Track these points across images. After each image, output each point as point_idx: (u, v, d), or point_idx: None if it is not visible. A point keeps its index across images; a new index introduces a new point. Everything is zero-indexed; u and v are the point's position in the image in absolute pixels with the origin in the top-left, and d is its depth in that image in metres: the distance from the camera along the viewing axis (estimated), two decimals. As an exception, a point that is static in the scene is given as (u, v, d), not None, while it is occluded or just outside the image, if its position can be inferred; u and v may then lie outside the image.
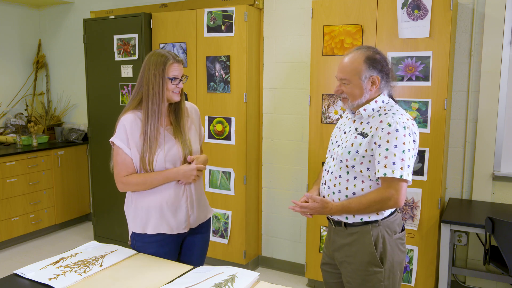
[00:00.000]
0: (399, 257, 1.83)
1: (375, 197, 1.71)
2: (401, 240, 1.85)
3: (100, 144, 4.06)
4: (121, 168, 1.94)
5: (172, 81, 1.91)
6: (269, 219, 3.72)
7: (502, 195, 2.93)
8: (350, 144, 1.78)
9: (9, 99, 4.77)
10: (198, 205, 2.06)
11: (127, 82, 3.81)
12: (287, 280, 3.51)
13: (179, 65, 1.93)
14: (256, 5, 3.48)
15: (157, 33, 3.69)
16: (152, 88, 1.89)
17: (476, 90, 2.95)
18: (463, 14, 2.94)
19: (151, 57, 1.92)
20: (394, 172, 1.66)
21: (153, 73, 1.89)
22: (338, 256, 1.88)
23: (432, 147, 2.76)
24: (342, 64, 1.80)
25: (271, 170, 3.66)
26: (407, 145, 1.69)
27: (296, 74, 3.47)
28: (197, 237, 2.11)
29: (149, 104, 1.89)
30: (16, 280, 1.69)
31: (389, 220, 1.81)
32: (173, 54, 1.93)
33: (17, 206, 4.11)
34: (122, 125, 1.92)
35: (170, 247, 2.01)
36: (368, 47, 1.81)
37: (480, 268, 3.02)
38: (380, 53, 1.80)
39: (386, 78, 1.80)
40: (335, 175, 1.83)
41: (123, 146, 1.92)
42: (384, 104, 1.80)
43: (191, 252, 2.11)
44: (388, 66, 1.80)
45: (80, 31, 4.28)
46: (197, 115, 2.15)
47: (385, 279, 1.78)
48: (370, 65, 1.75)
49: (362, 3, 2.87)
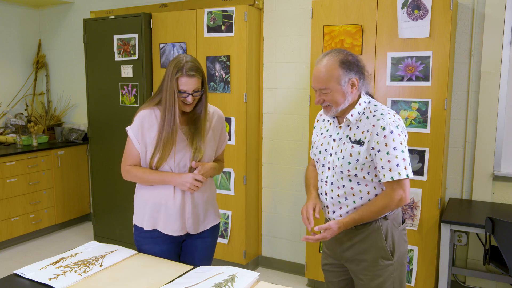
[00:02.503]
0: (404, 247, 1.87)
1: (386, 202, 1.73)
2: (404, 231, 1.89)
3: (100, 144, 4.06)
4: (127, 156, 1.98)
5: (181, 94, 1.87)
6: (269, 219, 3.72)
7: (502, 195, 2.93)
8: (349, 154, 1.77)
9: (9, 99, 4.77)
10: (198, 211, 2.02)
11: (127, 82, 3.81)
12: (287, 280, 3.51)
13: (188, 79, 1.85)
14: (256, 5, 3.48)
15: (157, 33, 3.69)
16: (167, 96, 1.88)
17: (476, 90, 2.95)
18: (463, 14, 2.94)
19: (171, 63, 1.89)
20: (400, 173, 1.69)
21: (169, 82, 1.87)
22: (348, 255, 1.88)
23: (432, 147, 2.76)
24: (317, 74, 1.75)
25: (271, 170, 3.66)
26: (403, 143, 1.72)
27: (296, 74, 3.47)
28: (198, 241, 2.08)
29: (166, 109, 1.88)
30: (16, 280, 1.69)
31: (395, 213, 1.85)
32: (188, 66, 1.85)
33: (17, 206, 4.11)
34: (139, 118, 1.94)
35: (166, 246, 2.00)
36: (338, 50, 1.77)
37: (480, 268, 3.02)
38: (352, 54, 1.77)
39: (363, 78, 1.78)
40: (337, 185, 1.82)
41: (133, 138, 1.95)
42: (366, 105, 1.79)
43: (192, 256, 2.08)
44: (361, 64, 1.78)
45: (80, 31, 4.28)
46: (219, 120, 2.09)
47: (395, 270, 1.82)
48: (346, 68, 1.72)
49: (362, 3, 2.87)
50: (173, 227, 1.97)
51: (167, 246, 2.00)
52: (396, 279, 1.82)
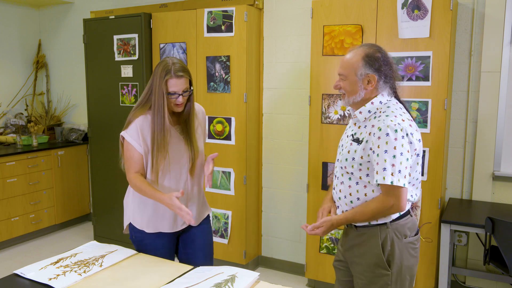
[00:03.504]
0: (409, 261, 1.78)
1: (378, 207, 1.70)
2: (412, 245, 1.80)
3: (100, 144, 4.06)
4: (129, 164, 1.97)
5: (171, 95, 1.90)
6: (269, 219, 3.71)
7: (502, 195, 2.93)
8: (347, 151, 1.79)
9: (9, 99, 4.77)
10: (197, 204, 2.11)
11: (127, 82, 3.81)
12: (287, 280, 3.51)
13: (178, 80, 1.87)
14: (256, 5, 3.48)
15: (157, 33, 3.69)
16: (156, 99, 1.89)
17: (476, 90, 2.95)
18: (463, 14, 2.94)
19: (158, 66, 1.91)
20: (385, 178, 1.64)
21: (157, 84, 1.89)
22: (348, 256, 1.90)
23: (432, 147, 2.76)
24: (343, 59, 1.80)
25: (271, 170, 3.66)
26: (398, 149, 1.64)
27: (296, 74, 3.47)
28: (197, 229, 2.14)
29: (155, 112, 1.90)
30: (16, 280, 1.69)
31: (399, 223, 1.77)
32: (176, 67, 1.88)
33: (17, 206, 4.11)
34: (135, 124, 1.94)
35: (167, 239, 2.06)
36: (372, 45, 1.78)
37: (480, 268, 3.02)
38: (383, 52, 1.75)
39: (385, 79, 1.74)
40: (340, 180, 1.85)
41: (133, 142, 1.94)
42: (381, 105, 1.76)
43: (193, 244, 2.14)
44: (389, 66, 1.76)
45: (80, 31, 4.28)
46: (203, 116, 2.17)
47: (392, 282, 1.76)
48: (367, 62, 1.72)
49: (362, 3, 2.87)
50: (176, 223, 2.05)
51: (168, 239, 2.06)
52: None
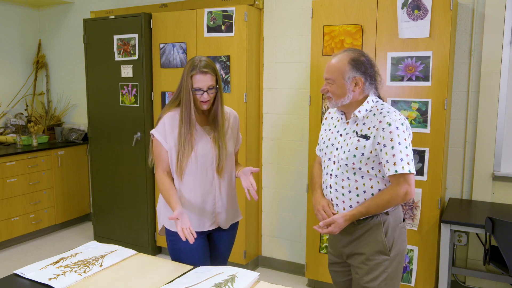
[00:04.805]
0: (403, 245, 1.91)
1: (392, 195, 1.80)
2: (404, 229, 1.94)
3: (100, 144, 4.06)
4: (158, 161, 2.04)
5: (197, 91, 1.95)
6: (269, 219, 3.71)
7: (502, 195, 2.93)
8: (355, 148, 1.83)
9: (9, 99, 4.77)
10: (227, 207, 2.12)
11: (127, 82, 3.81)
12: (287, 280, 3.51)
13: (202, 76, 1.94)
14: (256, 5, 3.48)
15: (157, 33, 3.69)
16: (184, 95, 1.97)
17: (476, 90, 2.95)
18: (463, 14, 2.94)
19: (187, 64, 1.99)
20: (403, 168, 1.76)
21: (185, 81, 1.96)
22: (347, 250, 1.93)
23: (432, 147, 2.76)
24: (329, 65, 1.87)
25: (271, 170, 3.66)
26: (407, 140, 1.79)
27: (296, 74, 3.47)
28: (224, 233, 2.19)
29: (183, 109, 1.97)
30: (16, 280, 1.69)
31: (396, 210, 1.90)
32: (202, 64, 1.95)
33: (17, 206, 4.11)
34: (162, 121, 2.01)
35: (201, 240, 2.08)
36: (355, 50, 1.88)
37: (480, 268, 3.02)
38: (366, 56, 1.87)
39: (370, 80, 1.85)
40: (341, 178, 1.88)
41: (160, 139, 2.00)
42: (374, 104, 1.87)
43: (217, 247, 2.21)
44: (374, 68, 1.87)
45: (80, 31, 4.28)
46: (235, 120, 2.18)
47: (389, 267, 1.85)
48: (354, 66, 1.82)
49: (362, 3, 2.87)
50: (208, 222, 2.09)
51: (201, 240, 2.08)
52: (389, 277, 1.85)
